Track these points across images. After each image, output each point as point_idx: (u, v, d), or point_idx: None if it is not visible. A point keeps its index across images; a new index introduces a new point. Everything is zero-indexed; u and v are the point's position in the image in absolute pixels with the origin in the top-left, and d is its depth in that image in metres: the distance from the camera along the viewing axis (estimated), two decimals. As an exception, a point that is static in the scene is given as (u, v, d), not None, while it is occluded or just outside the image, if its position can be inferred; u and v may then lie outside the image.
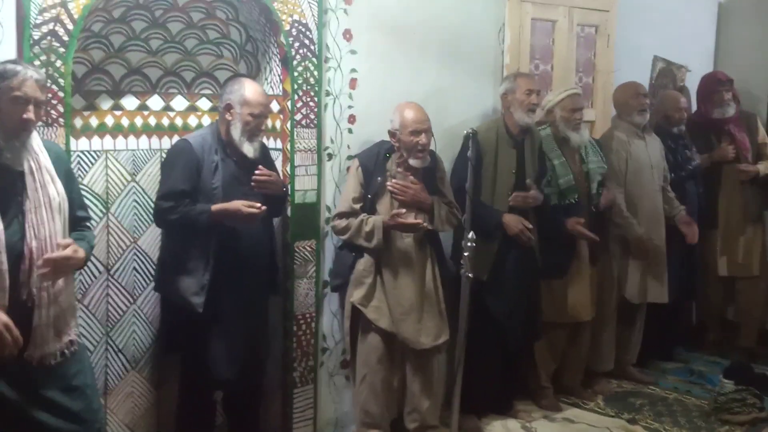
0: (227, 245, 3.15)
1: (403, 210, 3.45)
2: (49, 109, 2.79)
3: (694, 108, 5.23)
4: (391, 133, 3.53)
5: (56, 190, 2.50)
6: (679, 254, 4.69)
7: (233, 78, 3.34)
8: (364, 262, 3.56)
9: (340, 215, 3.55)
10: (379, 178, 3.53)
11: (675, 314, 5.09)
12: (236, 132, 3.17)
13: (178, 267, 3.14)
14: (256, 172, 3.21)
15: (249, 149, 3.18)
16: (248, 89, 3.18)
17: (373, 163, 3.55)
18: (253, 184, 3.20)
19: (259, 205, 3.09)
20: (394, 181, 3.50)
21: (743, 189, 4.99)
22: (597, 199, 4.18)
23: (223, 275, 3.14)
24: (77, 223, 2.64)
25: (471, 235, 3.04)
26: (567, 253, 4.14)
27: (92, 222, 2.97)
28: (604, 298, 4.40)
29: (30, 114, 2.39)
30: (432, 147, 3.60)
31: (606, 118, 4.79)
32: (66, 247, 2.44)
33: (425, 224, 3.49)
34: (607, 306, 4.44)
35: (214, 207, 3.07)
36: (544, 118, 4.21)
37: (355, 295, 3.56)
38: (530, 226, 3.81)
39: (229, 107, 3.18)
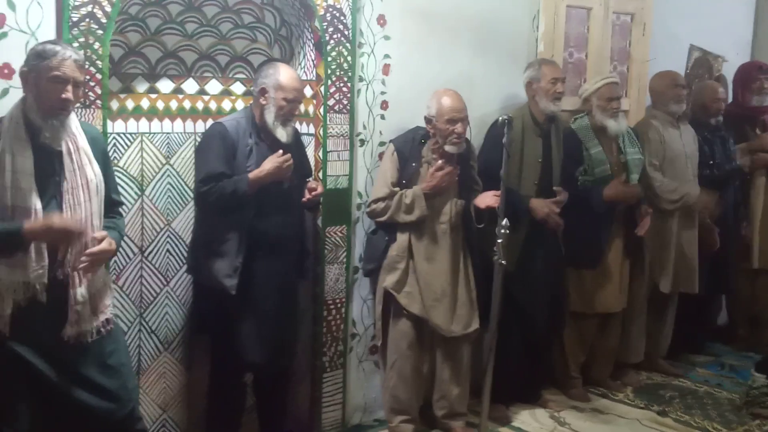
0: (259, 229, 3.16)
1: (440, 161, 3.43)
2: (87, 90, 2.81)
3: (730, 99, 5.15)
4: (427, 120, 3.52)
5: (93, 172, 2.54)
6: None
7: (268, 62, 3.34)
8: (397, 247, 3.56)
9: (378, 200, 3.55)
10: (414, 164, 3.52)
11: (706, 308, 5.05)
12: (270, 116, 3.18)
13: (211, 249, 3.16)
14: (314, 191, 3.29)
15: (282, 134, 3.19)
16: (283, 74, 3.19)
17: (409, 149, 3.54)
18: (305, 200, 3.28)
19: (280, 153, 3.11)
20: (434, 167, 3.47)
21: None
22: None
23: (256, 258, 3.15)
24: (111, 207, 2.68)
25: (505, 222, 3.01)
26: (600, 243, 4.10)
27: (125, 206, 3.01)
28: (634, 290, 4.36)
29: (69, 94, 2.42)
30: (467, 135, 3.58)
31: (640, 108, 4.73)
32: (101, 240, 2.49)
33: (457, 169, 3.48)
34: (638, 297, 4.40)
35: (251, 174, 3.10)
36: (581, 107, 4.17)
37: (388, 280, 3.56)
38: (557, 209, 3.78)
39: (263, 91, 3.19)
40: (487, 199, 3.53)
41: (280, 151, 3.11)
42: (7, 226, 2.35)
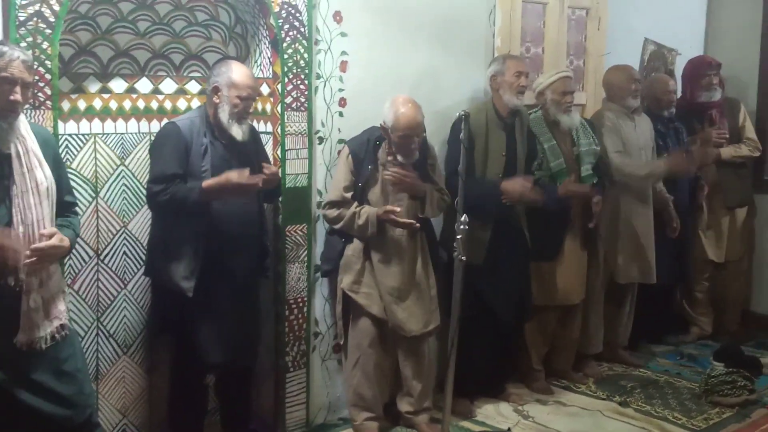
0: (217, 229, 3.12)
1: (398, 209, 3.43)
2: (36, 91, 2.75)
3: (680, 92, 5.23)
4: (383, 128, 3.49)
5: (44, 175, 2.48)
6: (669, 238, 4.70)
7: (221, 60, 3.30)
8: (353, 248, 3.55)
9: (331, 204, 3.53)
10: (369, 166, 3.50)
11: (665, 298, 5.12)
12: (224, 115, 3.14)
13: (168, 251, 3.12)
14: (266, 171, 3.19)
15: (238, 132, 3.16)
16: (236, 72, 3.15)
17: (364, 150, 3.52)
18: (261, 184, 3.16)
19: (247, 171, 3.04)
20: (392, 169, 3.46)
21: (722, 173, 5.01)
22: (588, 182, 4.16)
23: (213, 259, 3.12)
24: (64, 208, 2.62)
25: (464, 218, 3.02)
26: (558, 236, 4.14)
27: (80, 207, 2.95)
28: (591, 280, 4.40)
29: (17, 95, 2.36)
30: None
31: (597, 101, 4.78)
32: (51, 236, 2.43)
33: (417, 225, 3.48)
34: (595, 288, 4.44)
35: (205, 183, 3.04)
36: (536, 101, 4.19)
37: (345, 280, 3.54)
38: (529, 185, 3.79)
39: (216, 90, 3.15)
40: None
41: (248, 170, 3.04)
42: None
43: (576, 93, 4.36)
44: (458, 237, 3.06)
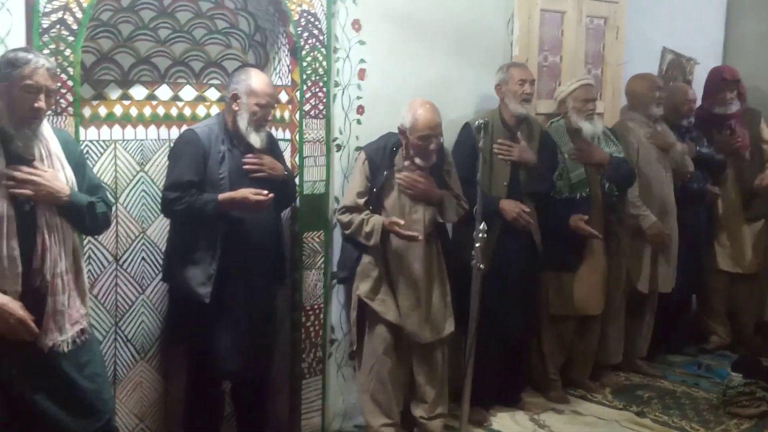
0: (234, 235, 3.14)
1: (402, 221, 3.43)
2: (58, 98, 2.78)
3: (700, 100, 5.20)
4: (401, 130, 3.50)
5: (66, 177, 2.51)
6: (687, 248, 4.68)
7: (240, 68, 3.32)
8: (369, 255, 3.55)
9: (345, 209, 3.54)
10: (386, 172, 3.51)
11: (681, 308, 5.09)
12: (243, 122, 3.16)
13: (185, 257, 3.13)
14: (244, 159, 3.18)
15: (255, 139, 3.17)
16: (255, 79, 3.17)
17: (380, 156, 3.53)
18: (249, 172, 3.17)
19: (266, 192, 3.07)
20: (404, 174, 3.47)
21: (741, 185, 4.98)
22: (610, 193, 4.15)
23: (230, 265, 3.12)
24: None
25: (483, 226, 3.02)
26: (578, 246, 4.13)
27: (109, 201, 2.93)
28: (612, 291, 4.38)
29: (41, 103, 2.39)
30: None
31: (615, 110, 4.76)
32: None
33: (421, 238, 3.47)
34: (615, 299, 4.42)
35: (221, 196, 3.06)
36: (557, 110, 4.19)
37: (362, 288, 3.55)
38: (527, 209, 3.79)
39: (235, 97, 3.16)
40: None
41: (265, 192, 3.06)
42: None
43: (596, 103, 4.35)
44: (477, 245, 3.06)
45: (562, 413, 4.10)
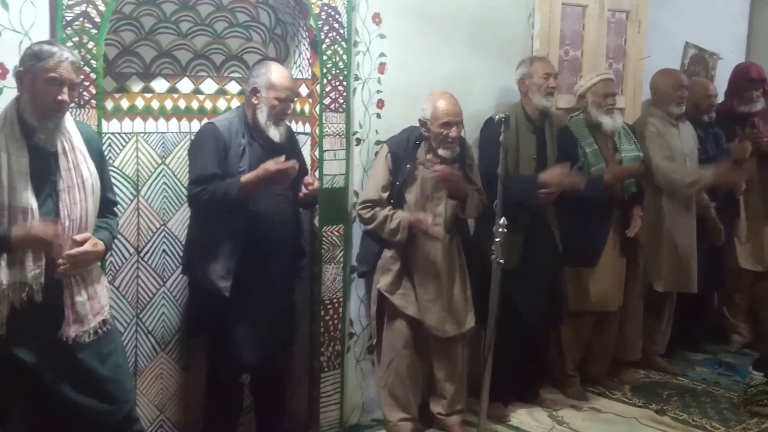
0: (254, 229, 3.14)
1: (430, 218, 3.43)
2: (81, 90, 2.79)
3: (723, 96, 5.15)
4: (422, 122, 3.50)
5: (89, 171, 2.53)
6: (708, 245, 4.64)
7: (260, 62, 3.32)
8: (391, 249, 3.55)
9: (366, 203, 3.54)
10: (408, 166, 3.51)
11: (702, 305, 5.05)
12: (262, 116, 3.16)
13: (205, 250, 3.14)
14: (309, 185, 3.23)
15: (275, 133, 3.17)
16: (274, 73, 3.17)
17: (403, 149, 3.53)
18: (301, 194, 3.23)
19: (283, 158, 3.03)
20: (442, 166, 3.46)
21: (763, 182, 4.92)
22: (630, 189, 4.12)
23: (250, 259, 3.13)
24: (106, 206, 2.66)
25: (503, 221, 3.00)
26: (598, 242, 4.10)
27: (121, 205, 2.98)
28: (630, 288, 4.35)
29: (64, 96, 2.40)
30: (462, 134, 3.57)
31: (636, 106, 4.73)
32: (83, 242, 2.46)
33: (443, 234, 3.48)
34: (634, 295, 4.39)
35: (243, 177, 3.05)
36: (577, 104, 4.17)
37: (382, 281, 3.55)
38: (569, 169, 3.78)
39: (255, 91, 3.16)
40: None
41: (283, 156, 3.06)
42: None
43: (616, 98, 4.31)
44: (497, 240, 3.04)
45: (581, 410, 4.08)
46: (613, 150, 4.12)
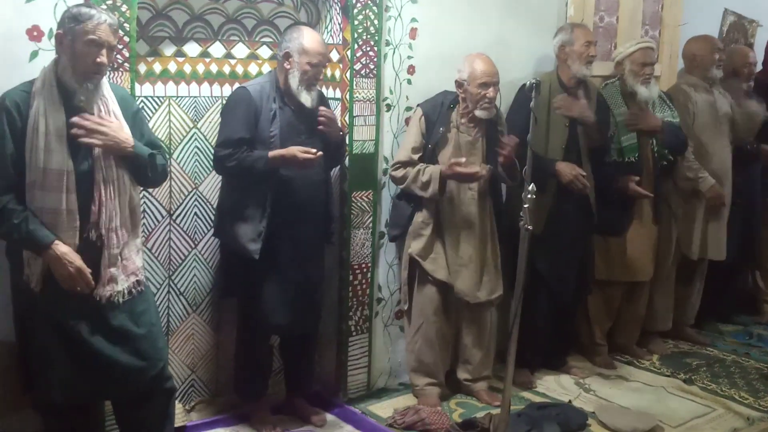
0: (284, 193, 3.17)
1: (463, 159, 3.43)
2: (115, 54, 2.82)
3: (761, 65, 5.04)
4: (458, 83, 3.50)
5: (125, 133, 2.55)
6: (741, 216, 4.58)
7: (292, 26, 3.32)
8: (422, 214, 3.56)
9: (398, 164, 3.54)
10: (441, 129, 3.50)
11: (733, 276, 5.00)
12: (294, 81, 3.16)
13: (236, 214, 3.18)
14: (321, 109, 3.22)
15: (306, 98, 3.18)
16: (307, 38, 3.17)
17: (437, 113, 3.52)
18: (320, 124, 3.21)
19: (314, 150, 3.09)
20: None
21: None
22: (662, 158, 4.07)
23: (280, 223, 3.17)
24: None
25: (531, 187, 2.99)
26: (626, 211, 4.08)
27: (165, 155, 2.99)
28: (661, 258, 4.33)
29: (103, 58, 2.44)
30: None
31: (672, 74, 4.65)
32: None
33: (483, 173, 3.47)
34: (665, 265, 4.37)
35: (271, 153, 3.09)
36: (614, 71, 4.11)
37: (413, 246, 3.56)
38: (584, 173, 3.74)
39: (287, 56, 3.17)
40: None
41: (314, 150, 3.08)
42: (39, 238, 2.40)
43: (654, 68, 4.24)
44: (525, 206, 3.03)
45: (608, 378, 4.09)
46: (646, 119, 4.07)
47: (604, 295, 4.20)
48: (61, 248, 2.41)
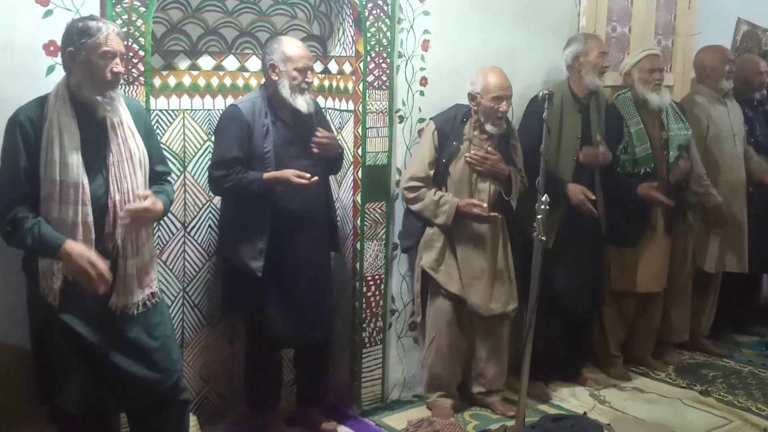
0: (283, 207, 3.15)
1: (485, 204, 3.44)
2: (130, 67, 2.85)
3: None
4: (471, 96, 3.50)
5: (137, 145, 2.58)
6: (756, 225, 4.55)
7: (270, 38, 3.27)
8: (434, 227, 3.56)
9: (412, 179, 3.54)
10: (454, 143, 3.50)
11: (750, 287, 4.96)
12: (285, 90, 3.13)
13: (236, 231, 3.17)
14: (318, 134, 3.20)
15: (302, 103, 3.15)
16: (288, 45, 3.15)
17: (450, 126, 3.53)
18: (314, 148, 3.19)
19: (308, 176, 3.07)
20: (473, 152, 3.46)
21: None
22: (674, 168, 4.06)
23: (281, 237, 3.15)
24: (157, 177, 2.72)
25: (545, 198, 2.99)
26: (639, 222, 4.06)
27: (172, 176, 3.04)
28: (677, 269, 4.31)
29: (119, 67, 2.48)
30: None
31: (686, 83, 4.64)
32: (145, 198, 2.52)
33: (499, 216, 3.48)
34: (681, 277, 4.34)
35: (266, 175, 3.07)
36: (624, 82, 4.10)
37: (425, 258, 3.56)
38: (592, 197, 3.73)
39: (273, 67, 3.14)
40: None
41: (307, 175, 3.06)
42: (52, 239, 2.41)
43: (664, 73, 4.23)
44: (538, 217, 3.03)
45: (624, 390, 4.06)
46: (659, 129, 4.05)
47: (618, 306, 4.18)
48: (74, 245, 2.42)
